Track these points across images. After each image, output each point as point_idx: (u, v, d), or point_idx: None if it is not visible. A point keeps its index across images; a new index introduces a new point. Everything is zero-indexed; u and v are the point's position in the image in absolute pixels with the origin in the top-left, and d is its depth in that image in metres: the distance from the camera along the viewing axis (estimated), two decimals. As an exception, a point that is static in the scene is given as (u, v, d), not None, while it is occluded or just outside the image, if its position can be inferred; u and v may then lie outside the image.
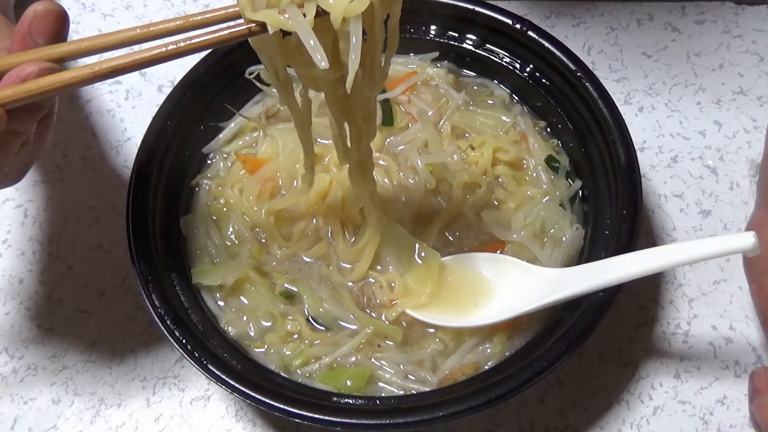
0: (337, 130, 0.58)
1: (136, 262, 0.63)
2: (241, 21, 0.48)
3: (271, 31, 0.47)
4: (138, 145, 0.68)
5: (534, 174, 0.72)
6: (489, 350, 0.64)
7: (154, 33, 0.49)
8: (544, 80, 0.73)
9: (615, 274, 0.59)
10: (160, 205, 0.68)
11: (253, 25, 0.47)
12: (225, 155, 0.74)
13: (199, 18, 0.49)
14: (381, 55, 0.53)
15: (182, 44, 0.48)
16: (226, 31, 0.48)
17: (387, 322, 0.65)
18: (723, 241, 0.55)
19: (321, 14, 0.46)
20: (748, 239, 0.54)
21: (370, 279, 0.67)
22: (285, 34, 0.49)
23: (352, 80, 0.47)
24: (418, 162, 0.70)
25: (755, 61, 0.83)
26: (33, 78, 0.48)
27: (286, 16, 0.46)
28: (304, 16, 0.46)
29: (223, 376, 0.59)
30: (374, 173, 0.70)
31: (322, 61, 0.46)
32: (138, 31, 0.49)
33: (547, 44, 0.71)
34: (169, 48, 0.48)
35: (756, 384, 0.63)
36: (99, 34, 0.50)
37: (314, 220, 0.70)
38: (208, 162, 0.74)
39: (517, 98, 0.76)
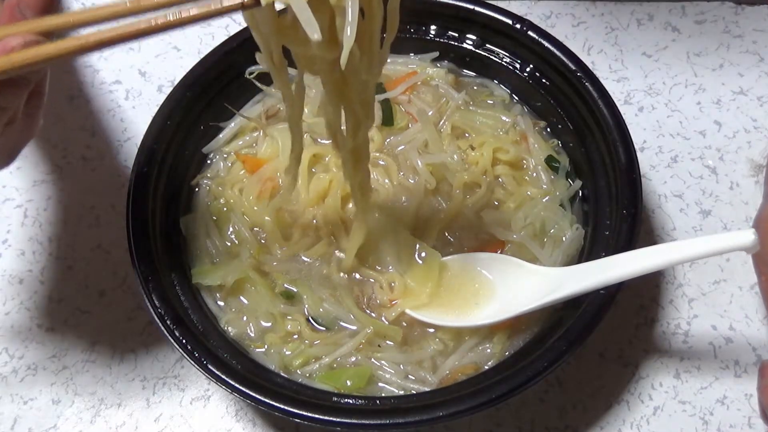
0: (331, 116, 0.56)
1: (136, 262, 0.63)
2: None
3: (263, 3, 0.45)
4: (138, 145, 0.68)
5: (534, 174, 0.72)
6: (489, 350, 0.64)
7: (145, 6, 0.48)
8: (544, 80, 0.73)
9: (615, 272, 0.59)
10: (160, 205, 0.68)
11: None
12: (225, 155, 0.74)
13: None
14: (380, 38, 0.51)
15: (171, 17, 0.47)
16: (218, 5, 0.47)
17: (387, 322, 0.65)
18: (723, 238, 0.55)
19: None
20: (747, 236, 0.54)
21: (370, 279, 0.67)
22: (281, 13, 0.48)
23: (347, 57, 0.45)
24: (418, 162, 0.70)
25: (755, 61, 0.83)
26: (19, 50, 0.47)
27: None
28: None
29: (223, 376, 0.59)
30: (374, 173, 0.70)
31: (315, 32, 0.44)
32: (128, 4, 0.48)
33: (547, 44, 0.71)
34: (158, 21, 0.47)
35: (765, 371, 0.62)
36: (88, 8, 0.49)
37: (314, 220, 0.70)
38: (208, 162, 0.74)
39: (517, 98, 0.76)
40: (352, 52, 0.46)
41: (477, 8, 0.73)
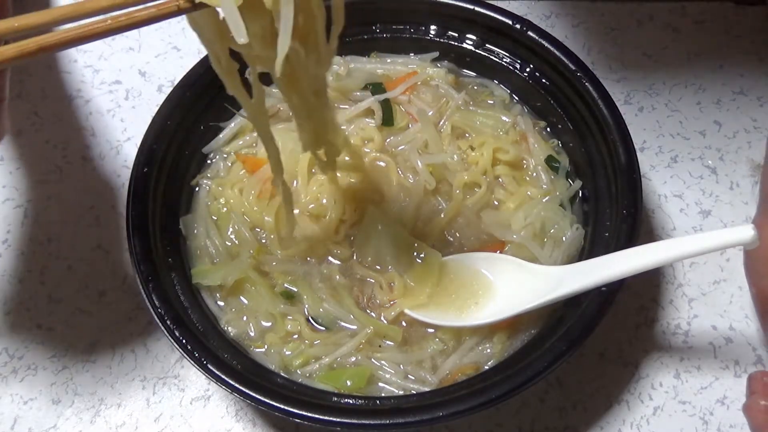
0: (289, 102, 0.57)
1: (136, 262, 0.63)
2: None
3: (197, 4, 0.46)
4: (138, 145, 0.68)
5: (534, 174, 0.72)
6: (489, 350, 0.64)
7: (89, 10, 0.48)
8: (544, 80, 0.73)
9: (615, 269, 0.59)
10: (160, 205, 0.68)
11: (181, 1, 0.47)
12: (225, 155, 0.74)
13: None
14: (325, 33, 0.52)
15: (110, 22, 0.47)
16: (153, 9, 0.47)
17: (386, 322, 0.65)
18: (723, 234, 0.56)
19: None
20: (747, 232, 0.54)
21: (370, 279, 0.67)
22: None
23: (281, 62, 0.46)
24: (418, 162, 0.70)
25: (755, 61, 0.83)
26: None
27: None
28: None
29: (223, 376, 0.59)
30: (374, 173, 0.70)
31: (241, 36, 0.44)
32: (72, 8, 0.48)
33: (547, 44, 0.71)
34: (97, 26, 0.47)
35: (752, 386, 0.63)
36: (32, 12, 0.49)
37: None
38: (208, 162, 0.74)
39: (517, 98, 0.76)
40: (296, 50, 0.46)
41: (477, 8, 0.73)
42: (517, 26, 0.72)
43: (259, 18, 0.46)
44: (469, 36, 0.76)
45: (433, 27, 0.76)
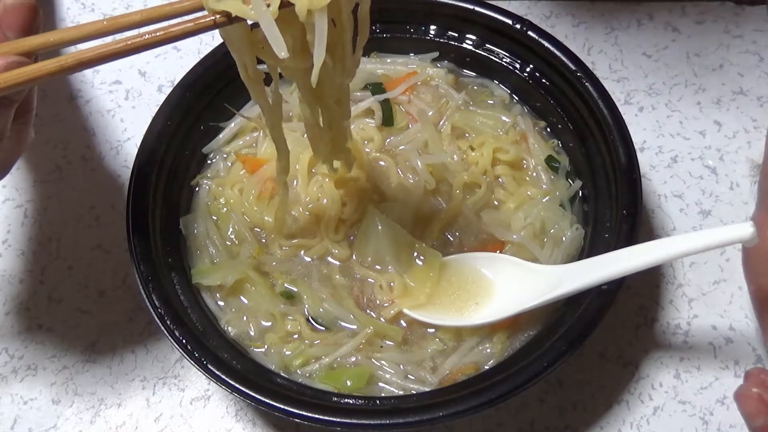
0: (308, 113, 0.58)
1: (136, 262, 0.63)
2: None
3: (234, 14, 0.47)
4: (138, 145, 0.68)
5: (534, 174, 0.72)
6: (489, 350, 0.64)
7: (122, 24, 0.49)
8: (544, 80, 0.73)
9: (614, 268, 0.59)
10: (160, 205, 0.68)
11: (218, 16, 0.47)
12: (225, 155, 0.74)
13: (166, 9, 0.49)
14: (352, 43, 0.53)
15: (147, 36, 0.48)
16: (191, 23, 0.48)
17: (386, 322, 0.65)
18: (722, 231, 0.56)
19: (286, 5, 0.46)
20: (746, 229, 0.54)
21: (370, 279, 0.67)
22: (253, 26, 0.49)
23: (317, 73, 0.47)
24: (418, 162, 0.70)
25: (755, 61, 0.83)
26: (1, 72, 0.47)
27: (251, 6, 0.46)
28: (268, 6, 0.46)
29: (223, 376, 0.59)
30: (374, 173, 0.70)
31: (281, 50, 0.45)
32: (105, 23, 0.49)
33: (547, 44, 0.71)
34: (134, 41, 0.48)
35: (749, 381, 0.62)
36: (68, 27, 0.50)
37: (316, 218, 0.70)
38: (208, 162, 0.74)
39: (517, 98, 0.76)
40: (325, 61, 0.47)
41: (477, 8, 0.73)
42: (517, 26, 0.72)
43: (292, 30, 0.47)
44: (469, 36, 0.76)
45: (433, 27, 0.76)
